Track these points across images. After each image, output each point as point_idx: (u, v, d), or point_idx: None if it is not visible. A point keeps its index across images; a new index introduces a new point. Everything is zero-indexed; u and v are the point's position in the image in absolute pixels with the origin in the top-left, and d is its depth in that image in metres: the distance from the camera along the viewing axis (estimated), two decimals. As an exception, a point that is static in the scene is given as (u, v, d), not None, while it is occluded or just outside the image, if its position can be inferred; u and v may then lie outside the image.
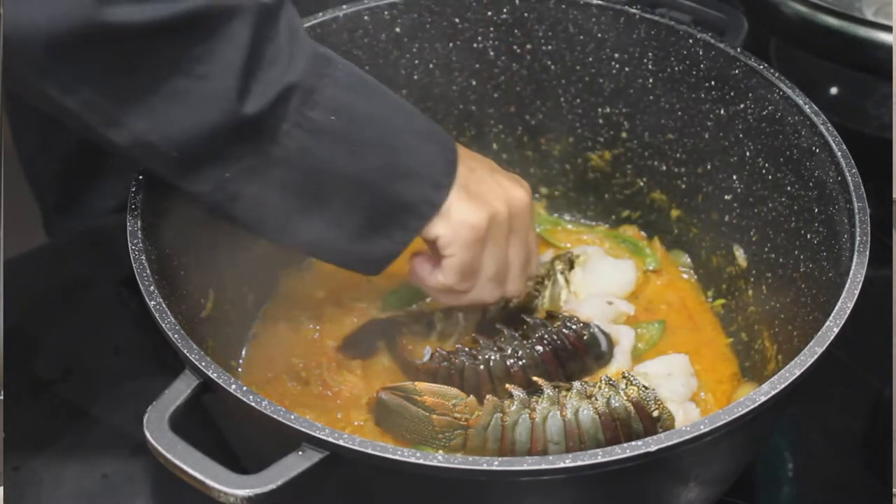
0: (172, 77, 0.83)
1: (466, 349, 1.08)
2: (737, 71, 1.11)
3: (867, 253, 0.94)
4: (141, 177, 0.99)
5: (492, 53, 1.22)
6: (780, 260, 1.10)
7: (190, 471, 0.80)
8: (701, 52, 1.14)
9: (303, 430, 0.81)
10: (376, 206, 0.94)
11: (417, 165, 0.94)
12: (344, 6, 1.16)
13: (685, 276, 1.23)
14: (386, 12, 1.17)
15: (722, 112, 1.14)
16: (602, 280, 1.19)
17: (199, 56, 0.83)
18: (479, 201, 0.98)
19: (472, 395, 1.02)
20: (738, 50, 1.12)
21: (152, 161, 0.88)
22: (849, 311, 0.89)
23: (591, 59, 1.20)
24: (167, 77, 0.83)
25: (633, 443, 0.81)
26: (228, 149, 0.87)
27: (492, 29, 1.21)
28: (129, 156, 0.87)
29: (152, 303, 0.90)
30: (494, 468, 0.79)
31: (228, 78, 0.84)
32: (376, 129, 0.92)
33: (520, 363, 1.07)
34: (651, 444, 0.80)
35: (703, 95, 1.15)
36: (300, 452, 0.81)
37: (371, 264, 0.98)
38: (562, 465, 0.79)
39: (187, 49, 0.83)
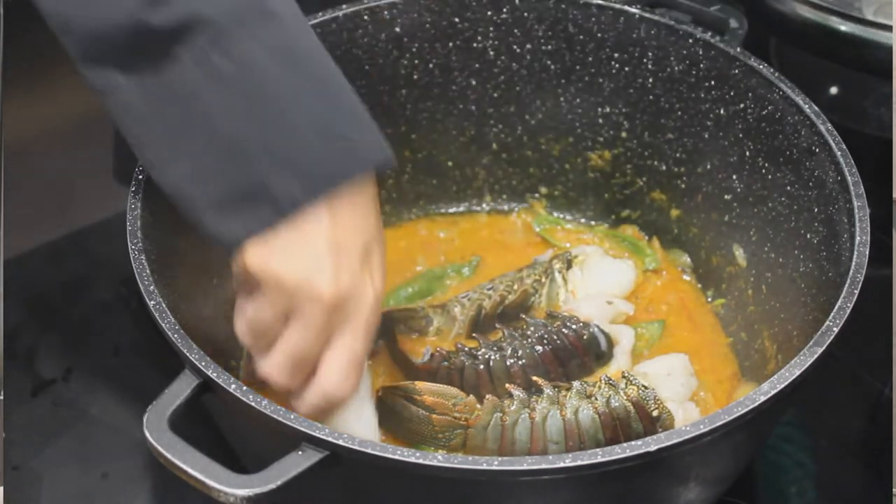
0: None
1: (466, 348, 1.08)
2: (737, 71, 1.11)
3: (867, 253, 0.94)
4: (141, 176, 0.99)
5: (492, 53, 1.22)
6: (780, 260, 1.10)
7: (190, 471, 0.80)
8: (701, 52, 1.14)
9: (303, 429, 0.81)
10: (241, 179, 0.84)
11: (302, 159, 0.84)
12: (344, 6, 1.16)
13: (685, 276, 1.23)
14: (386, 12, 1.17)
15: (722, 112, 1.14)
16: (601, 280, 1.19)
17: None
18: (325, 257, 0.85)
19: (471, 395, 1.02)
20: (738, 50, 1.12)
21: (66, 38, 0.85)
22: (849, 311, 0.89)
23: (591, 59, 1.20)
24: None
25: (633, 443, 0.81)
26: (129, 56, 0.84)
27: (492, 29, 1.21)
28: (48, 23, 0.85)
29: (152, 303, 0.90)
30: (494, 468, 0.79)
31: None
32: (274, 101, 0.83)
33: (519, 363, 1.07)
34: (651, 444, 0.80)
35: (703, 95, 1.16)
36: (300, 452, 0.81)
37: (219, 241, 0.86)
38: (562, 464, 0.79)
39: None
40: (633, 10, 1.16)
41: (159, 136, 0.86)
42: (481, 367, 1.07)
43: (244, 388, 0.84)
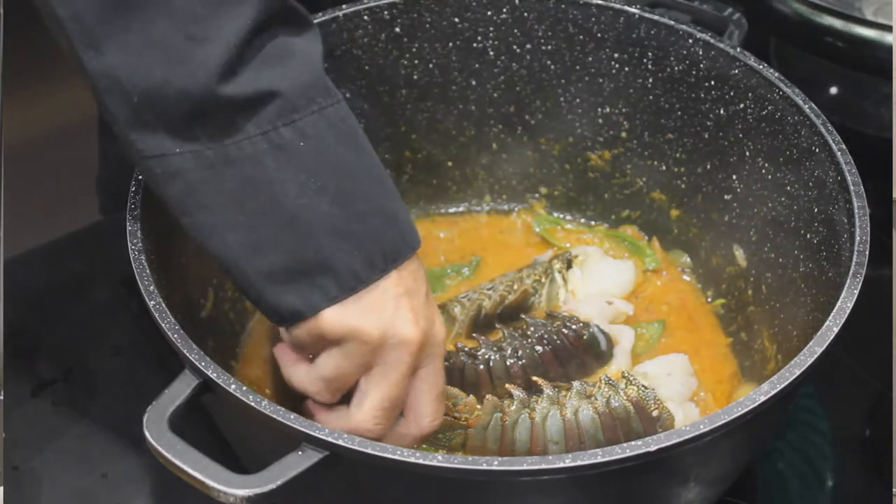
0: (165, 25, 0.80)
1: (466, 348, 1.08)
2: (737, 71, 1.11)
3: (867, 253, 0.94)
4: (140, 177, 0.99)
5: (492, 53, 1.22)
6: (780, 260, 1.10)
7: (190, 471, 0.80)
8: (701, 52, 1.14)
9: (303, 429, 0.81)
10: (303, 253, 0.85)
11: (363, 234, 0.86)
12: (344, 6, 1.16)
13: (685, 276, 1.23)
14: (386, 12, 1.17)
15: (722, 112, 1.14)
16: (601, 280, 1.19)
17: (202, 17, 0.80)
18: (401, 327, 0.88)
19: (471, 395, 1.02)
20: (738, 50, 1.12)
21: (112, 98, 0.82)
22: (849, 311, 0.89)
23: (591, 59, 1.20)
24: (160, 23, 0.79)
25: (633, 443, 0.81)
26: (188, 123, 0.82)
27: (492, 29, 1.21)
28: (94, 85, 0.83)
29: (152, 303, 0.90)
30: (494, 468, 0.79)
31: (219, 50, 0.80)
32: (340, 178, 0.85)
33: (519, 363, 1.07)
34: (651, 444, 0.80)
35: (703, 95, 1.16)
36: (300, 452, 0.81)
37: (274, 313, 0.88)
38: (562, 465, 0.79)
39: (193, 5, 0.80)
40: (633, 10, 1.16)
41: (214, 204, 0.85)
42: (481, 367, 1.07)
43: (244, 388, 0.84)
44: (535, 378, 1.04)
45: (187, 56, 0.80)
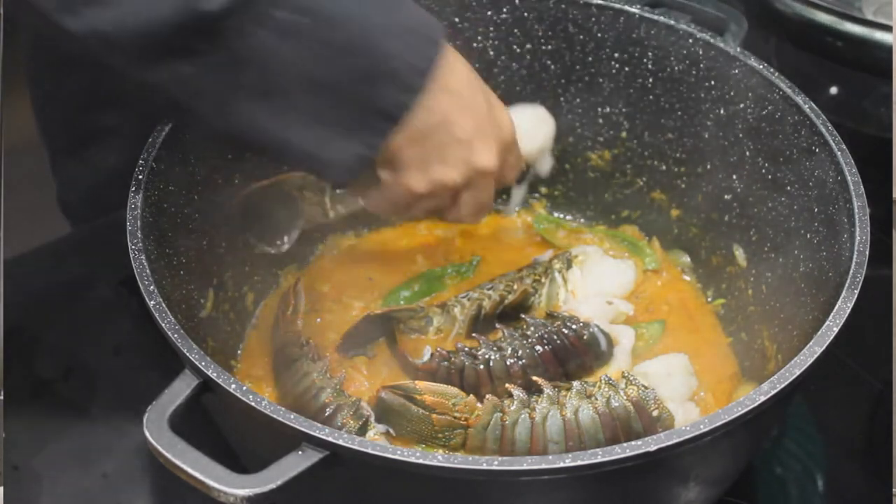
0: None
1: (466, 348, 1.08)
2: (737, 71, 1.11)
3: (867, 253, 0.94)
4: (141, 176, 0.99)
5: (492, 53, 1.22)
6: (780, 260, 1.10)
7: (190, 471, 0.80)
8: (701, 52, 1.14)
9: (303, 429, 0.81)
10: (346, 109, 0.89)
11: (392, 67, 0.89)
12: (344, 6, 1.16)
13: (685, 276, 1.23)
14: (386, 12, 1.17)
15: (722, 112, 1.14)
16: (601, 280, 1.19)
17: None
18: (430, 165, 0.95)
19: (471, 395, 1.02)
20: (738, 50, 1.12)
21: (107, 51, 0.85)
22: (849, 311, 0.89)
23: (591, 59, 1.20)
24: None
25: (633, 442, 0.81)
26: (187, 45, 0.84)
27: (492, 29, 1.21)
28: (87, 46, 0.85)
29: (152, 303, 0.90)
30: (494, 468, 0.79)
31: None
32: (347, 30, 0.87)
33: (519, 363, 1.07)
34: (651, 444, 0.80)
35: (703, 95, 1.15)
36: (300, 452, 0.81)
37: (342, 170, 0.93)
38: (562, 464, 0.79)
39: None
40: (633, 10, 1.16)
41: (246, 110, 0.88)
42: (481, 367, 1.07)
43: (244, 387, 0.84)
44: (535, 378, 1.04)
45: None
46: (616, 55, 1.19)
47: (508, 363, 1.07)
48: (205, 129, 0.94)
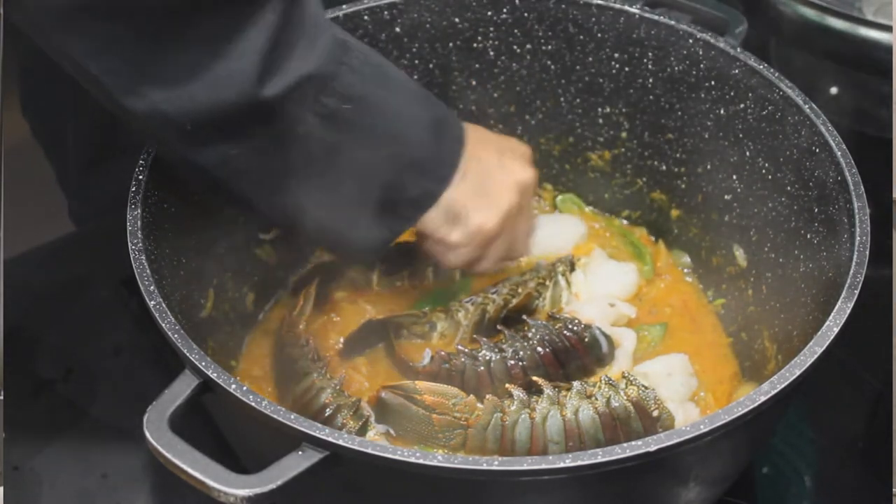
0: (196, 52, 0.83)
1: (466, 350, 1.08)
2: (737, 71, 1.11)
3: (867, 253, 0.94)
4: (141, 177, 0.99)
5: (492, 53, 1.22)
6: (780, 260, 1.10)
7: (190, 471, 0.80)
8: (701, 52, 1.14)
9: (303, 429, 0.81)
10: (379, 195, 0.95)
11: (424, 157, 0.96)
12: (344, 6, 1.16)
13: (688, 278, 1.23)
14: (386, 12, 1.17)
15: (722, 112, 1.14)
16: (604, 282, 1.19)
17: (226, 35, 0.84)
18: (492, 202, 1.01)
19: (471, 395, 1.02)
20: (738, 50, 1.12)
21: (163, 131, 0.88)
22: (849, 311, 0.89)
23: (591, 59, 1.20)
24: (191, 52, 0.83)
25: (633, 443, 0.81)
26: (241, 128, 0.88)
27: (492, 29, 1.21)
28: (142, 125, 0.87)
29: (152, 303, 0.90)
30: (494, 468, 0.79)
31: (251, 60, 0.85)
32: (387, 119, 0.93)
33: (520, 364, 1.07)
34: (651, 444, 0.80)
35: (703, 95, 1.15)
36: (300, 452, 0.81)
37: (364, 251, 0.99)
38: (562, 465, 0.79)
39: (214, 27, 0.83)
40: (633, 10, 1.16)
41: (284, 190, 0.92)
42: (481, 368, 1.07)
43: (244, 387, 0.84)
44: (534, 378, 1.04)
45: (225, 73, 0.84)
46: (616, 55, 1.19)
47: (509, 364, 1.07)
48: (241, 205, 0.97)
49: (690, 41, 1.14)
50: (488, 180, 1.02)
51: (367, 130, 0.92)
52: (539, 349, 1.08)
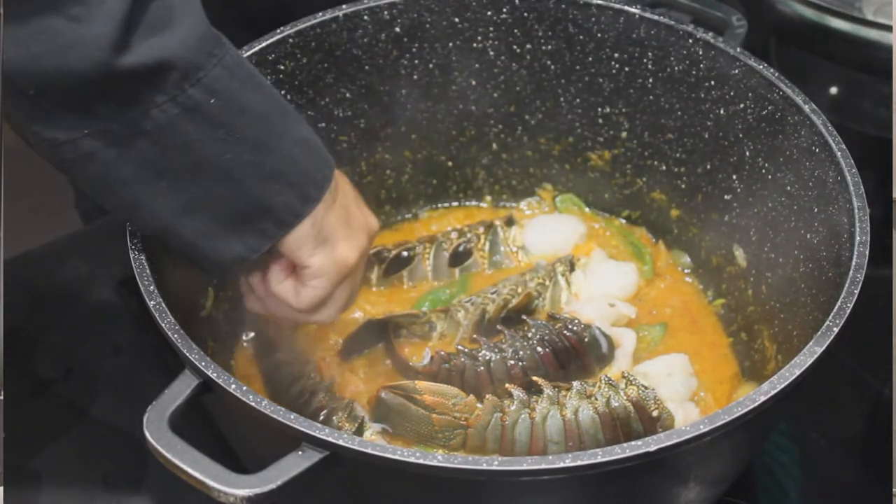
0: (43, 12, 0.78)
1: (466, 350, 1.08)
2: (737, 71, 1.11)
3: (867, 253, 0.94)
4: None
5: (492, 53, 1.22)
6: (780, 260, 1.10)
7: (190, 471, 0.80)
8: (701, 52, 1.14)
9: (303, 429, 0.81)
10: (237, 203, 0.88)
11: (290, 171, 0.89)
12: (344, 6, 1.16)
13: (688, 278, 1.23)
14: (386, 12, 1.17)
15: (722, 112, 1.14)
16: (604, 282, 1.19)
17: None
18: (354, 237, 0.96)
19: (471, 395, 1.02)
20: (738, 50, 1.12)
21: (8, 98, 0.81)
22: (849, 311, 0.89)
23: (591, 59, 1.20)
24: (37, 11, 0.78)
25: (633, 443, 0.81)
26: (92, 103, 0.81)
27: (492, 29, 1.20)
28: None
29: (152, 303, 0.90)
30: (494, 468, 0.79)
31: (105, 25, 0.78)
32: (254, 124, 0.86)
33: (520, 364, 1.07)
34: (651, 444, 0.80)
35: (703, 95, 1.15)
36: (300, 452, 0.81)
37: (216, 265, 0.91)
38: (562, 465, 0.79)
39: None
40: (633, 10, 1.16)
41: (133, 177, 0.85)
42: (481, 368, 1.07)
43: (244, 387, 0.84)
44: (534, 378, 1.04)
45: (74, 38, 0.78)
46: (616, 55, 1.19)
47: (509, 364, 1.07)
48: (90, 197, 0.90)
49: (690, 41, 1.14)
50: (351, 216, 0.96)
51: (229, 130, 0.85)
52: (539, 349, 1.08)
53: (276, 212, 0.89)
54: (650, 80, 1.19)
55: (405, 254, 1.19)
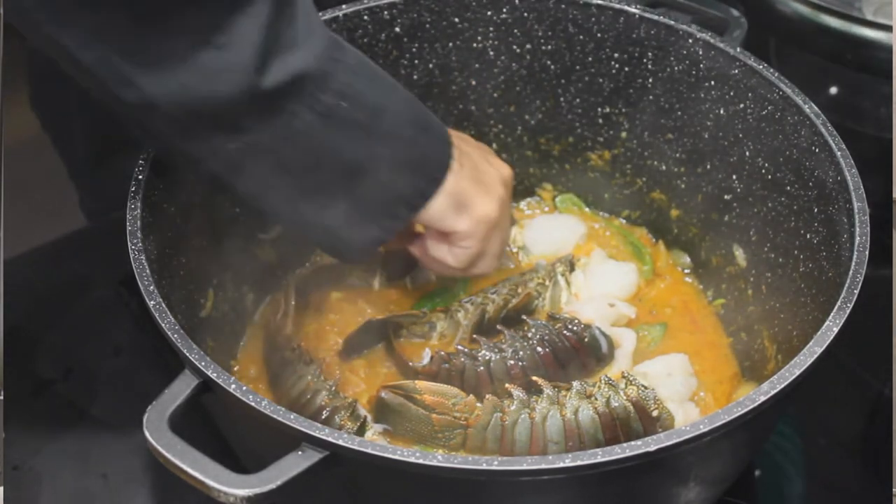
0: (186, 41, 0.83)
1: (466, 350, 1.08)
2: (737, 71, 1.11)
3: (867, 253, 0.94)
4: (141, 176, 0.99)
5: (492, 53, 1.22)
6: (780, 260, 1.10)
7: (190, 471, 0.80)
8: (701, 52, 1.14)
9: (303, 429, 0.81)
10: (372, 194, 0.95)
11: (417, 156, 0.96)
12: (344, 6, 1.16)
13: (688, 279, 1.23)
14: (386, 12, 1.17)
15: (722, 112, 1.14)
16: (604, 282, 1.19)
17: (217, 24, 0.83)
18: (490, 191, 1.02)
19: (471, 395, 1.02)
20: (738, 50, 1.12)
21: (157, 123, 0.87)
22: (848, 311, 0.89)
23: (590, 59, 1.20)
24: (181, 40, 0.83)
25: (633, 443, 0.81)
26: (237, 121, 0.88)
27: (492, 29, 1.20)
28: (137, 116, 0.87)
29: (152, 303, 0.90)
30: (494, 468, 0.79)
31: (247, 52, 0.84)
32: (381, 118, 0.93)
33: (520, 364, 1.07)
34: (651, 444, 0.80)
35: (702, 95, 1.15)
36: (300, 452, 0.81)
37: (355, 251, 0.99)
38: (562, 464, 0.79)
39: (210, 17, 0.83)
40: (633, 10, 1.16)
41: (280, 188, 0.93)
42: (481, 368, 1.07)
43: (244, 388, 0.84)
44: (534, 378, 1.04)
45: (220, 65, 0.84)
46: (616, 55, 1.19)
47: (509, 364, 1.07)
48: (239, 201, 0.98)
49: (690, 41, 1.14)
50: (480, 172, 1.02)
51: (362, 129, 0.92)
52: (539, 349, 1.08)
53: (405, 196, 0.97)
54: (650, 80, 1.19)
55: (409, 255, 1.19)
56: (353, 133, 0.92)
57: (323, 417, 1.00)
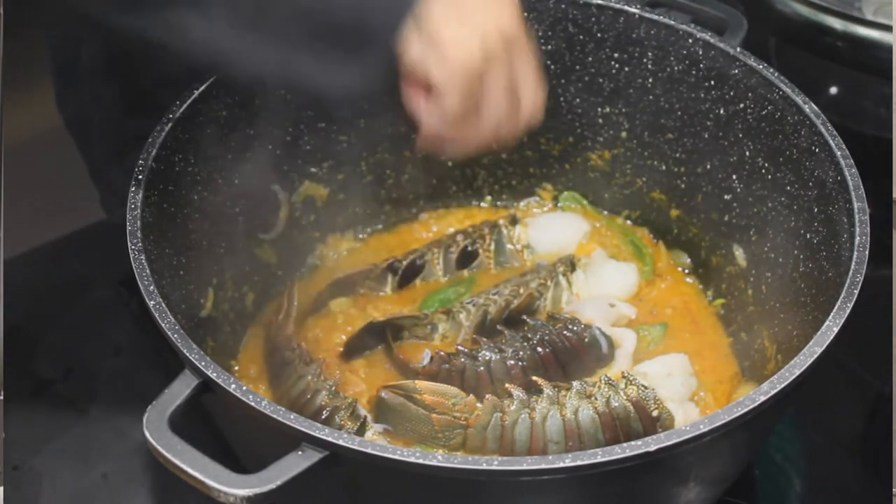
0: None
1: (466, 350, 1.08)
2: (737, 71, 1.11)
3: (867, 253, 0.94)
4: (140, 176, 0.99)
5: (492, 53, 1.22)
6: (780, 260, 1.10)
7: (190, 471, 0.80)
8: (701, 52, 1.14)
9: (303, 429, 0.81)
10: (340, 28, 0.87)
11: None
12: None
13: (688, 279, 1.23)
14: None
15: (722, 112, 1.14)
16: (605, 282, 1.19)
17: None
18: (468, 22, 0.88)
19: (471, 395, 1.02)
20: (738, 50, 1.12)
21: None
22: (848, 311, 0.89)
23: (590, 59, 1.20)
24: None
25: (633, 443, 0.81)
26: None
27: (492, 29, 1.20)
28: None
29: (152, 303, 0.90)
30: (494, 468, 0.79)
31: None
32: None
33: (520, 364, 1.07)
34: (651, 444, 0.80)
35: (702, 95, 1.15)
36: (300, 452, 0.81)
37: (340, 93, 0.90)
38: (561, 464, 0.80)
39: None
40: (633, 10, 1.16)
41: (234, 40, 0.87)
42: (481, 368, 1.07)
43: (244, 387, 0.84)
44: (534, 378, 1.04)
45: None
46: (616, 55, 1.19)
47: (509, 364, 1.07)
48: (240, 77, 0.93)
49: (690, 41, 1.14)
50: (462, 5, 0.89)
51: None
52: (539, 349, 1.08)
53: (376, 33, 0.87)
54: (650, 80, 1.19)
55: (418, 262, 1.19)
56: None
57: (323, 417, 1.00)
